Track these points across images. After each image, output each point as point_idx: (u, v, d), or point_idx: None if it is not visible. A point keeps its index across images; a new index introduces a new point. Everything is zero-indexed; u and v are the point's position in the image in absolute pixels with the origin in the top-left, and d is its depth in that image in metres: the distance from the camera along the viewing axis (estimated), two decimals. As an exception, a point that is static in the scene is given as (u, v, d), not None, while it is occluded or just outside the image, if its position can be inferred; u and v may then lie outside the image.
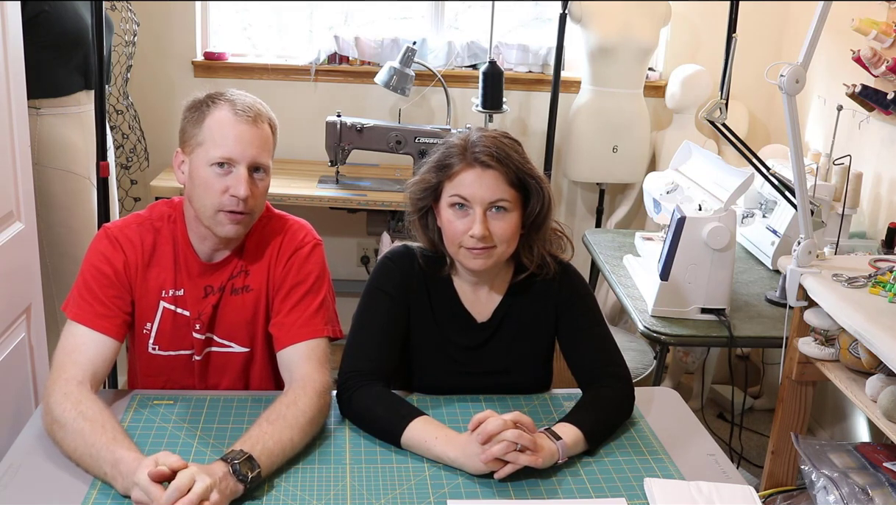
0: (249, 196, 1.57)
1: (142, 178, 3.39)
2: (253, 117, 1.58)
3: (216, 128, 1.56)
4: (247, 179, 1.56)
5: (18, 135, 1.96)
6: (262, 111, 1.61)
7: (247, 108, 1.58)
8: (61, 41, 2.51)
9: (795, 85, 1.72)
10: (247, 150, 1.57)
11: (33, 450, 1.45)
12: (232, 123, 1.56)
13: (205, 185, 1.57)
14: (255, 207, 1.62)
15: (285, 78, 3.57)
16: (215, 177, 1.57)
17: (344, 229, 3.66)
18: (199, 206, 1.60)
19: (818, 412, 2.97)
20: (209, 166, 1.56)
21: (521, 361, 1.72)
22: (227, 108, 1.57)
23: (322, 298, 1.67)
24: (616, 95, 3.41)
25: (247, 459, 1.34)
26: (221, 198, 1.57)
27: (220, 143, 1.56)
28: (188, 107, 1.62)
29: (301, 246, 1.69)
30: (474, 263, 1.60)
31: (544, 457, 1.42)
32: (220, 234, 1.61)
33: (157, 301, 1.66)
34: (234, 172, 1.57)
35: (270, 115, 1.65)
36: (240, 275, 1.68)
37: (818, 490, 1.89)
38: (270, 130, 1.63)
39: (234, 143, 1.56)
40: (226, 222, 1.59)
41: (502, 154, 1.56)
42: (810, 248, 1.92)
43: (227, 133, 1.56)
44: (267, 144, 1.61)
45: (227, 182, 1.56)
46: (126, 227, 1.66)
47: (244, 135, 1.56)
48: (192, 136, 1.59)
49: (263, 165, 1.61)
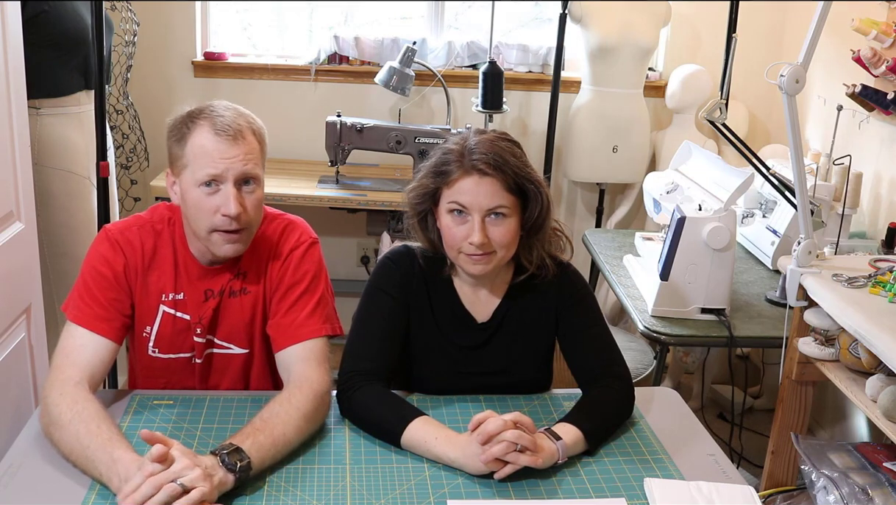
0: (241, 212, 1.55)
1: (142, 178, 3.38)
2: (233, 135, 1.55)
3: (198, 149, 1.55)
4: (235, 196, 1.55)
5: (18, 135, 1.96)
6: (242, 127, 1.57)
7: (226, 127, 1.55)
8: (61, 41, 2.51)
9: (795, 85, 1.72)
10: (231, 167, 1.54)
11: (33, 450, 1.45)
12: (213, 143, 1.54)
13: (196, 207, 1.57)
14: (251, 221, 1.60)
15: (285, 78, 3.57)
16: (204, 197, 1.55)
17: (344, 229, 3.66)
18: (195, 227, 1.59)
19: (818, 412, 2.97)
20: (197, 187, 1.55)
21: (521, 362, 1.72)
22: (208, 127, 1.55)
23: (319, 296, 1.67)
24: (616, 95, 3.41)
25: (235, 451, 1.34)
26: (213, 218, 1.56)
27: (204, 164, 1.54)
28: (170, 127, 1.61)
29: (297, 246, 1.69)
30: (474, 268, 1.60)
31: (544, 457, 1.42)
32: (219, 254, 1.60)
33: (157, 304, 1.66)
34: (222, 190, 1.55)
35: (254, 126, 1.61)
36: (238, 277, 1.68)
37: (818, 490, 1.89)
38: (256, 141, 1.60)
39: (218, 161, 1.54)
40: (222, 243, 1.58)
41: (500, 160, 1.55)
42: (810, 248, 1.92)
43: (210, 153, 1.54)
44: (252, 155, 1.58)
45: (217, 201, 1.55)
46: (127, 230, 1.66)
47: (226, 153, 1.54)
48: (178, 158, 1.59)
49: (252, 176, 1.58)
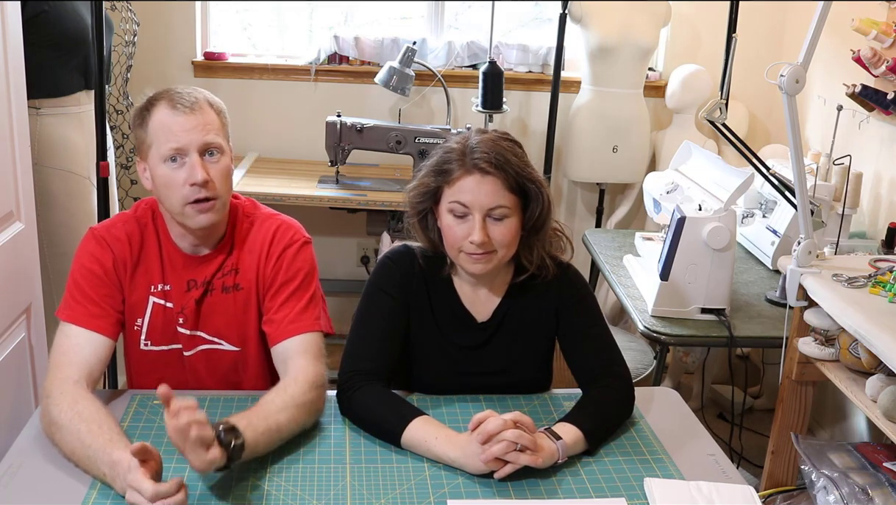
0: (209, 180, 1.58)
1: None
2: (190, 106, 1.59)
3: (158, 126, 1.59)
4: (200, 163, 1.58)
5: (18, 135, 1.96)
6: (199, 98, 1.62)
7: (183, 100, 1.60)
8: (61, 41, 2.51)
9: (795, 85, 1.72)
10: (192, 136, 1.58)
11: (33, 450, 1.45)
12: (171, 116, 1.58)
13: (165, 183, 1.60)
14: (221, 191, 1.62)
15: (285, 78, 3.57)
16: (171, 172, 1.59)
17: (344, 229, 3.65)
18: (169, 205, 1.62)
19: (818, 412, 2.97)
20: (163, 163, 1.59)
21: (521, 361, 1.71)
22: (165, 104, 1.60)
23: (311, 293, 1.69)
24: (616, 95, 3.41)
25: (231, 429, 1.35)
26: (183, 190, 1.58)
27: (165, 139, 1.58)
28: (134, 115, 1.65)
29: (290, 244, 1.70)
30: (474, 267, 1.60)
31: (544, 457, 1.42)
32: (193, 226, 1.62)
33: (146, 296, 1.68)
34: (187, 162, 1.59)
35: (212, 100, 1.65)
36: (230, 273, 1.69)
37: (818, 490, 1.89)
38: (214, 112, 1.64)
39: (179, 133, 1.58)
40: (194, 214, 1.60)
41: (501, 159, 1.56)
42: (810, 248, 1.92)
43: (170, 127, 1.58)
44: (212, 126, 1.61)
45: (184, 174, 1.58)
46: (112, 227, 1.69)
47: (186, 124, 1.58)
48: (143, 141, 1.62)
49: (214, 145, 1.61)
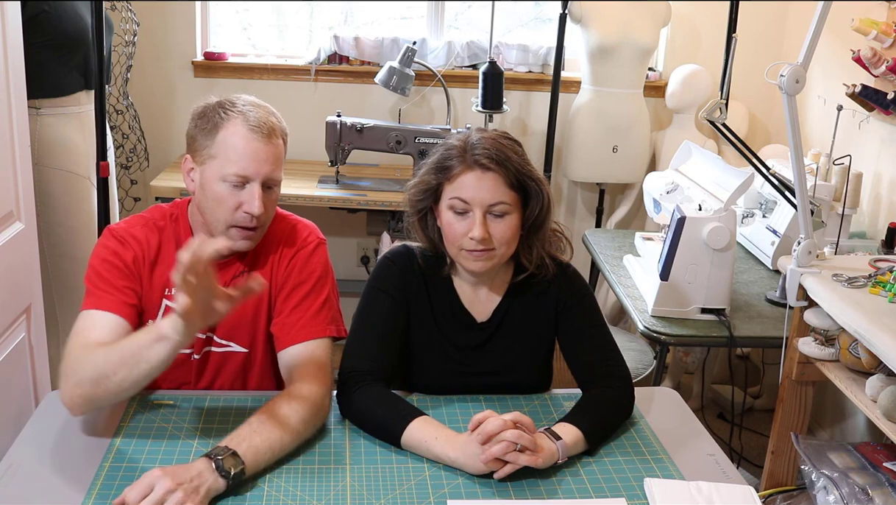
0: (262, 212, 1.58)
1: (142, 179, 3.39)
2: (267, 133, 1.57)
3: (230, 144, 1.55)
4: (261, 196, 1.56)
5: (18, 135, 1.96)
6: (275, 125, 1.59)
7: (260, 124, 1.56)
8: (61, 41, 2.51)
9: (795, 85, 1.72)
10: (262, 168, 1.56)
11: (33, 450, 1.45)
12: (246, 140, 1.55)
13: (217, 200, 1.57)
14: (267, 221, 1.63)
15: (285, 78, 3.57)
16: (228, 192, 1.56)
17: (344, 229, 3.66)
18: (212, 219, 1.60)
19: (818, 412, 2.97)
20: (223, 181, 1.56)
21: (520, 361, 1.71)
22: (241, 122, 1.56)
23: (325, 297, 1.66)
24: (616, 95, 3.41)
25: (231, 455, 1.33)
26: (235, 214, 1.57)
27: (235, 161, 1.55)
28: (198, 114, 1.61)
29: (304, 245, 1.69)
30: (474, 265, 1.60)
31: (544, 457, 1.42)
32: (233, 247, 1.59)
33: (160, 299, 1.66)
34: (247, 189, 1.56)
35: (282, 127, 1.64)
36: (242, 275, 1.68)
37: (818, 490, 1.89)
38: (283, 143, 1.63)
39: (250, 160, 1.55)
40: (237, 238, 1.59)
41: (502, 156, 1.56)
42: (810, 248, 1.92)
43: (242, 150, 1.55)
44: (280, 160, 1.61)
45: (241, 198, 1.56)
46: (131, 227, 1.67)
47: (259, 153, 1.55)
48: (204, 147, 1.58)
49: (276, 181, 1.61)
